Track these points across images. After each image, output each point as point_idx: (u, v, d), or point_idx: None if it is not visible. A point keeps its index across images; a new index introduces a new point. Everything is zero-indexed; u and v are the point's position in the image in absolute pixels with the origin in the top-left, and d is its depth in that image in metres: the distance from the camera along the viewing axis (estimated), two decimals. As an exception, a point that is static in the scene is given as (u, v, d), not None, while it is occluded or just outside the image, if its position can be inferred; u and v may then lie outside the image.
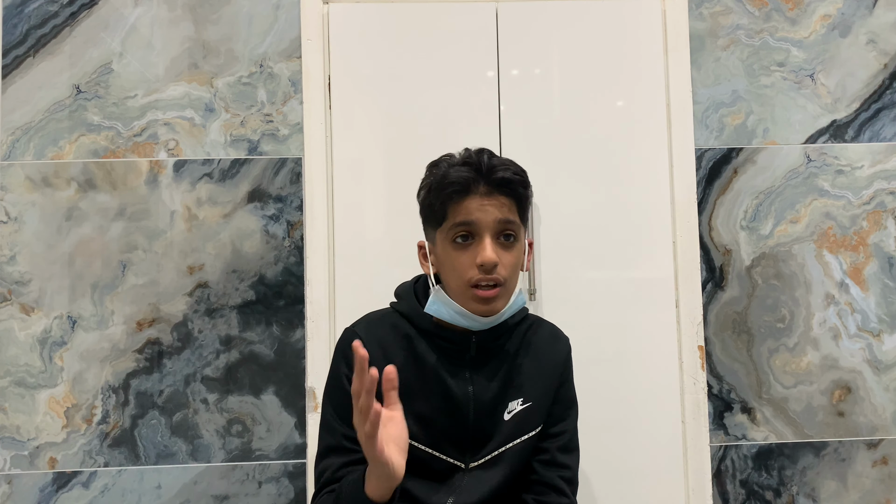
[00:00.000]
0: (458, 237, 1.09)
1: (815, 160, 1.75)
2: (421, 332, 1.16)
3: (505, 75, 1.72)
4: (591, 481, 1.65)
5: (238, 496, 1.62)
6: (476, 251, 1.08)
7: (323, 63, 1.70)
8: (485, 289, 1.08)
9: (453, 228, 1.09)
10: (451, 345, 1.15)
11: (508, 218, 1.09)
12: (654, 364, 1.68)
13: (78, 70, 1.68)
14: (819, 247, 1.74)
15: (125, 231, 1.66)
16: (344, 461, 1.09)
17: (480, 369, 1.16)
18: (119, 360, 1.63)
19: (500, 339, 1.17)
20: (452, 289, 1.11)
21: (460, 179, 1.08)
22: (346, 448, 1.10)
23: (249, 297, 1.66)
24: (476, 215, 1.08)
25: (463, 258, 1.08)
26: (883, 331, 1.73)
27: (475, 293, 1.08)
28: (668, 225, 1.71)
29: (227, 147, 1.69)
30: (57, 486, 1.60)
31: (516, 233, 1.11)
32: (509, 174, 1.10)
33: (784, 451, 1.70)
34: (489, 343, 1.15)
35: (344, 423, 1.10)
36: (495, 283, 1.08)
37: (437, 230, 1.13)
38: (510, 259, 1.10)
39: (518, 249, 1.12)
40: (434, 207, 1.12)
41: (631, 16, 1.74)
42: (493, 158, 1.11)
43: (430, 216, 1.15)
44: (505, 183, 1.09)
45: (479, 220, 1.08)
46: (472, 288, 1.08)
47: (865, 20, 1.78)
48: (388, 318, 1.19)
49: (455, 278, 1.10)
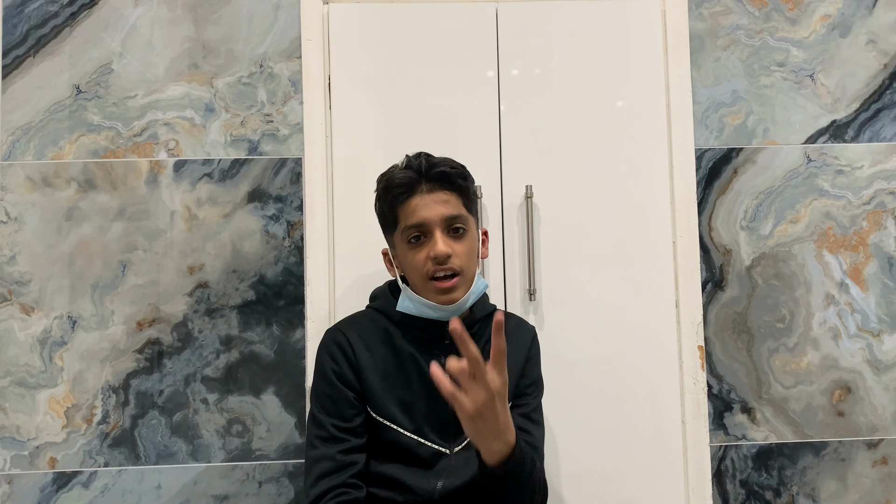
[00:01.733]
0: (412, 238, 1.19)
1: (815, 160, 1.75)
2: (398, 325, 1.25)
3: (505, 75, 1.72)
4: (592, 481, 1.65)
5: (238, 496, 1.62)
6: (429, 246, 1.17)
7: (323, 63, 1.70)
8: (443, 280, 1.17)
9: (406, 231, 1.19)
10: (427, 334, 1.23)
11: (454, 213, 1.19)
12: (654, 364, 1.68)
13: (78, 70, 1.68)
14: (819, 247, 1.74)
15: (125, 231, 1.66)
16: (338, 449, 1.16)
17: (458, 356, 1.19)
18: (119, 360, 1.63)
19: (473, 327, 1.25)
20: (416, 285, 1.21)
21: (404, 181, 1.19)
22: (336, 437, 1.17)
23: (249, 297, 1.66)
24: (423, 213, 1.17)
25: (419, 255, 1.18)
26: (883, 331, 1.73)
27: (435, 285, 1.17)
28: (668, 225, 1.71)
29: (227, 147, 1.69)
30: (57, 486, 1.60)
31: (465, 224, 1.20)
32: (447, 168, 1.19)
33: (784, 451, 1.70)
34: None
35: (331, 415, 1.18)
36: (452, 272, 1.17)
37: (394, 234, 1.23)
38: (462, 249, 1.19)
39: (470, 239, 1.21)
40: (386, 213, 1.23)
41: (631, 16, 1.74)
42: (430, 158, 1.21)
43: (384, 222, 1.26)
44: (444, 177, 1.19)
45: (428, 219, 1.17)
46: (431, 281, 1.18)
47: (865, 20, 1.78)
48: (367, 316, 1.29)
49: (415, 275, 1.20)
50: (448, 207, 1.18)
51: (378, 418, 1.21)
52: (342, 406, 1.19)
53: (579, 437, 1.66)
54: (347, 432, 1.18)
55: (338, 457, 1.16)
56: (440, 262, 1.16)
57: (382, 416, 1.21)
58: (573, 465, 1.65)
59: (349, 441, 1.17)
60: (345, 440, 1.17)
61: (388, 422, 1.20)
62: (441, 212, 1.18)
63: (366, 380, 1.20)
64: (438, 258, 1.16)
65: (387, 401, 1.20)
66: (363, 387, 1.20)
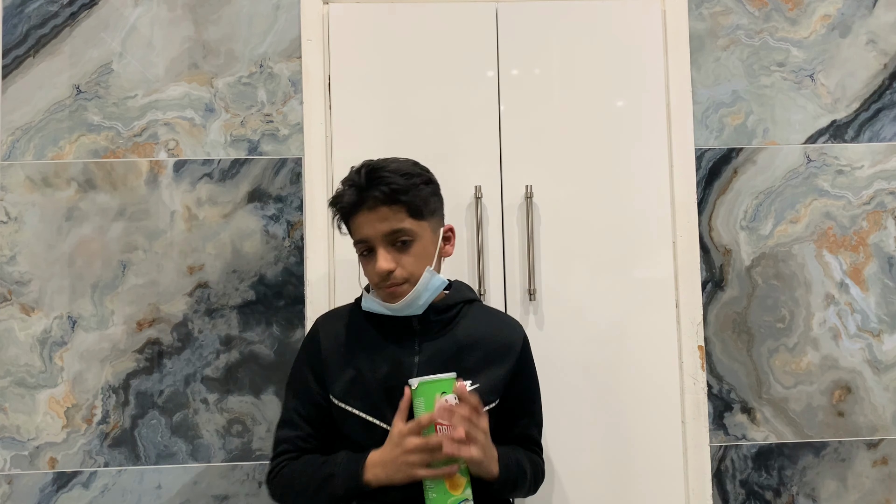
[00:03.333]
0: (363, 251, 1.23)
1: (815, 160, 1.75)
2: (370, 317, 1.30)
3: (505, 75, 1.72)
4: (592, 481, 1.65)
5: (238, 496, 1.62)
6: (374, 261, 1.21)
7: (323, 63, 1.70)
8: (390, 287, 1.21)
9: (357, 245, 1.24)
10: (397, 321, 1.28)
11: (395, 228, 1.19)
12: (654, 364, 1.68)
13: (78, 70, 1.68)
14: (819, 247, 1.74)
15: (125, 231, 1.66)
16: (296, 434, 1.25)
17: (431, 342, 1.27)
18: (119, 360, 1.63)
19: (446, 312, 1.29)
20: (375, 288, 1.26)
21: (347, 203, 1.21)
22: (297, 424, 1.26)
23: (249, 297, 1.66)
24: (365, 231, 1.20)
25: (369, 268, 1.23)
26: (883, 331, 1.73)
27: (385, 291, 1.23)
28: (668, 225, 1.71)
29: (227, 147, 1.69)
30: (57, 486, 1.60)
31: (410, 235, 1.21)
32: (385, 187, 1.18)
33: (784, 451, 1.70)
34: (432, 317, 1.27)
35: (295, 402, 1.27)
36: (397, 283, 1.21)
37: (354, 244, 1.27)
38: (409, 259, 1.21)
39: (418, 247, 1.22)
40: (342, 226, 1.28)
41: (631, 16, 1.74)
42: (371, 174, 1.19)
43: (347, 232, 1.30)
44: (385, 196, 1.18)
45: (370, 236, 1.20)
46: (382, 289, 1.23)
47: (865, 20, 1.78)
48: (349, 308, 1.36)
49: (370, 280, 1.26)
50: (388, 224, 1.19)
51: (340, 404, 1.24)
52: (303, 394, 1.28)
53: (579, 437, 1.66)
54: (306, 420, 1.26)
55: (297, 441, 1.25)
56: (384, 279, 1.20)
57: (344, 402, 1.24)
58: (573, 465, 1.65)
59: (305, 429, 1.25)
60: (302, 427, 1.25)
61: (349, 407, 1.23)
62: (381, 229, 1.19)
63: (327, 364, 1.26)
64: (381, 274, 1.20)
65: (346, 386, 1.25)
66: (324, 372, 1.26)
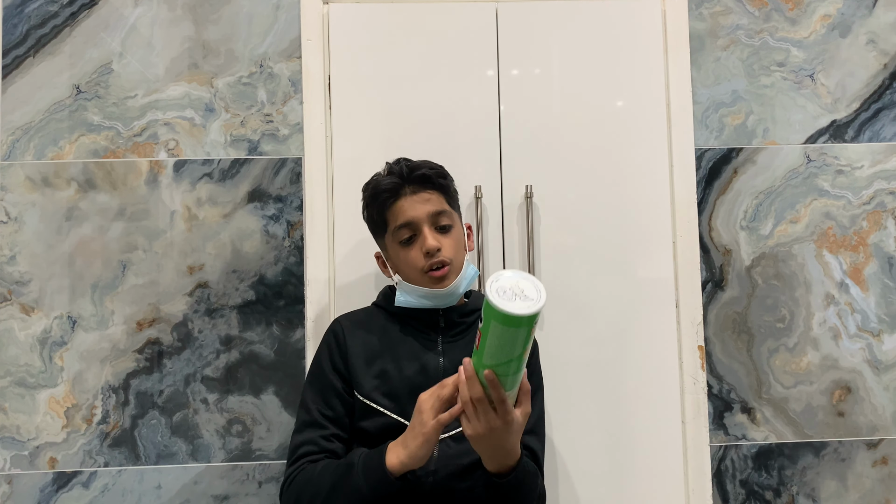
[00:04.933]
0: (403, 238, 1.27)
1: (815, 160, 1.75)
2: (395, 317, 1.33)
3: (505, 75, 1.72)
4: (592, 481, 1.65)
5: (238, 496, 1.62)
6: (420, 243, 1.26)
7: (323, 63, 1.70)
8: (436, 270, 1.25)
9: (396, 232, 1.28)
10: (422, 322, 1.32)
11: (439, 209, 1.28)
12: (654, 364, 1.68)
13: (78, 70, 1.68)
14: (819, 247, 1.74)
15: (125, 231, 1.66)
16: (320, 434, 1.23)
17: (453, 344, 1.30)
18: (119, 360, 1.63)
19: (468, 316, 1.33)
20: (412, 279, 1.28)
21: (389, 186, 1.28)
22: (320, 423, 1.24)
23: (249, 297, 1.66)
24: (410, 213, 1.26)
25: (412, 253, 1.27)
26: (883, 331, 1.73)
27: (430, 276, 1.26)
28: (668, 225, 1.71)
29: (227, 147, 1.69)
30: (57, 486, 1.60)
31: (450, 220, 1.29)
32: (426, 171, 1.28)
33: (784, 451, 1.70)
34: (456, 318, 1.31)
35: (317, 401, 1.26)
36: (442, 264, 1.25)
37: (385, 237, 1.31)
38: (450, 242, 1.28)
39: (456, 233, 1.30)
40: (375, 218, 1.31)
41: (631, 16, 1.74)
42: (410, 163, 1.30)
43: (375, 227, 1.34)
44: (426, 179, 1.28)
45: (415, 217, 1.26)
46: (425, 274, 1.26)
47: (865, 20, 1.78)
48: (368, 310, 1.39)
49: (410, 270, 1.28)
50: (432, 205, 1.27)
51: (365, 401, 1.24)
52: (328, 394, 1.27)
53: (579, 437, 1.66)
54: (331, 420, 1.25)
55: (320, 441, 1.23)
56: (432, 255, 1.24)
57: (370, 399, 1.24)
58: (573, 465, 1.65)
59: (330, 429, 1.24)
60: (327, 427, 1.24)
61: (375, 404, 1.24)
62: (427, 210, 1.27)
63: (353, 364, 1.27)
64: (430, 251, 1.24)
65: (374, 384, 1.25)
66: (350, 372, 1.27)
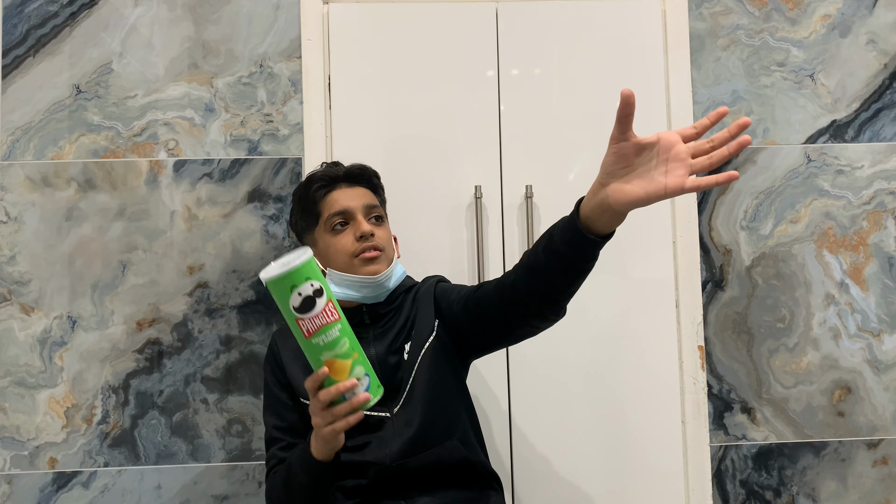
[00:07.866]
0: (336, 225, 1.28)
1: (815, 160, 1.75)
2: None
3: (505, 75, 1.72)
4: (592, 481, 1.65)
5: (238, 496, 1.62)
6: (353, 229, 1.27)
7: (323, 63, 1.70)
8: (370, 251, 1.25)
9: (330, 219, 1.29)
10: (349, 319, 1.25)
11: (372, 203, 1.32)
12: (654, 364, 1.68)
13: (78, 70, 1.68)
14: (819, 247, 1.74)
15: (125, 231, 1.66)
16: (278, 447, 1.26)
17: (380, 334, 1.29)
18: (119, 360, 1.63)
19: (393, 303, 1.32)
20: (342, 267, 1.27)
21: (325, 177, 1.32)
22: (276, 438, 1.27)
23: (249, 297, 1.66)
24: (345, 202, 1.29)
25: (343, 239, 1.27)
26: (883, 331, 1.73)
27: (361, 258, 1.25)
28: (668, 225, 1.71)
29: (227, 147, 1.69)
30: (57, 486, 1.60)
31: (382, 214, 1.34)
32: (360, 169, 1.36)
33: (784, 451, 1.70)
34: (381, 309, 1.30)
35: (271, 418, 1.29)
36: (375, 247, 1.26)
37: (315, 230, 1.31)
38: (383, 233, 1.30)
39: (387, 229, 1.34)
40: (307, 211, 1.32)
41: (631, 16, 1.74)
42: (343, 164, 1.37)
43: (305, 223, 1.34)
44: (360, 174, 1.35)
45: (350, 207, 1.29)
46: (356, 257, 1.25)
47: (865, 20, 1.78)
48: None
49: (340, 256, 1.27)
50: (367, 198, 1.32)
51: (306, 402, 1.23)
52: (278, 407, 1.29)
53: (579, 437, 1.66)
54: (285, 431, 1.27)
55: (278, 454, 1.25)
56: (365, 239, 1.25)
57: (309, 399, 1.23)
58: (573, 466, 1.65)
59: (287, 439, 1.26)
60: (283, 439, 1.26)
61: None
62: (362, 201, 1.30)
63: (290, 373, 1.28)
64: (364, 234, 1.25)
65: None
66: (290, 381, 1.28)
